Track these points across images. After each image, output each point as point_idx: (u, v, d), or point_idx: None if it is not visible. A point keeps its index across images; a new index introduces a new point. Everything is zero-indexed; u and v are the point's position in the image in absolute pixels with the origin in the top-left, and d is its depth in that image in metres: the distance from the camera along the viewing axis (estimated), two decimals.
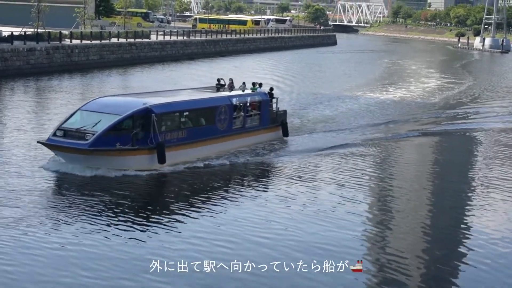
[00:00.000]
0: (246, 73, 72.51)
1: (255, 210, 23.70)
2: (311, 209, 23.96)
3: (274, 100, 36.08)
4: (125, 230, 20.94)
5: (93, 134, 26.49)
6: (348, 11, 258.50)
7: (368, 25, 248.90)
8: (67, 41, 67.06)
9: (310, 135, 37.40)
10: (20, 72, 58.20)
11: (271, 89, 36.52)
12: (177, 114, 29.60)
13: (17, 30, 64.26)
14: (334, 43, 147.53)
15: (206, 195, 25.49)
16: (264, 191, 26.68)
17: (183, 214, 22.90)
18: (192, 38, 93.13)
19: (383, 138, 37.79)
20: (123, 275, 17.79)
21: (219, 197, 25.44)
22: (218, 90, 34.95)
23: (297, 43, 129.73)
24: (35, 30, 67.78)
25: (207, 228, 21.53)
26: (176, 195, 25.76)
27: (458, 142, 39.86)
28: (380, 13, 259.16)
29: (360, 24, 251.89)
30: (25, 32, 63.94)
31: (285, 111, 36.95)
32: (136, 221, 21.84)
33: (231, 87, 35.10)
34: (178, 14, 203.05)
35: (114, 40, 74.74)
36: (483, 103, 56.71)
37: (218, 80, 36.33)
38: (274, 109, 35.91)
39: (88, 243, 19.65)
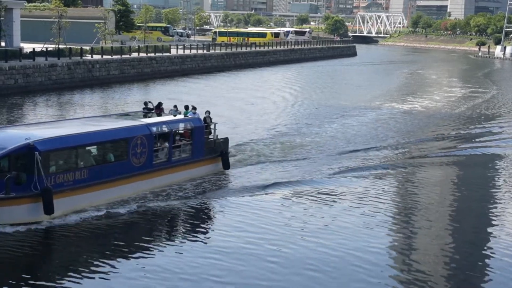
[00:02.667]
0: (253, 85, 72.50)
1: (173, 276, 18.53)
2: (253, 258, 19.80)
3: (212, 126, 30.57)
4: None
5: None
6: (367, 22, 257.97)
7: (388, 35, 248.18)
8: (88, 57, 67.45)
9: (261, 166, 31.72)
10: (42, 87, 58.56)
11: (208, 112, 30.92)
12: (72, 150, 23.59)
13: (38, 47, 64.75)
14: (353, 54, 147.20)
15: (103, 254, 20.20)
16: (189, 240, 21.61)
17: (73, 281, 18.10)
18: (212, 51, 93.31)
19: (366, 169, 32.05)
20: None
21: (121, 256, 20.01)
22: (145, 115, 29.24)
23: (317, 54, 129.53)
24: (56, 46, 68.25)
25: None
26: (64, 257, 20.43)
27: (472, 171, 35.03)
28: (399, 23, 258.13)
29: (379, 35, 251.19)
30: (46, 48, 64.40)
31: (226, 139, 31.12)
32: None
33: (160, 111, 29.83)
34: (197, 27, 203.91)
35: (135, 54, 75.11)
36: (507, 118, 53.58)
37: (146, 103, 30.79)
38: (212, 137, 30.38)
39: None
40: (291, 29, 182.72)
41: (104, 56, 69.35)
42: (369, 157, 34.92)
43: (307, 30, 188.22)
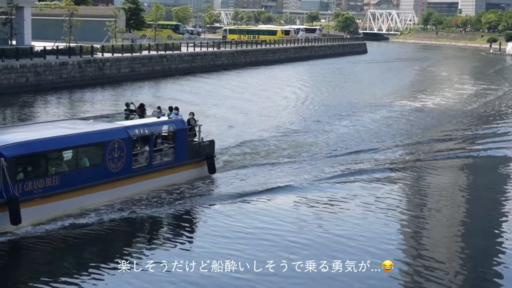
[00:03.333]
0: (259, 83, 72.36)
1: None
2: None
3: (196, 128, 29.06)
4: None
5: None
6: (378, 19, 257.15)
7: (398, 32, 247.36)
8: (99, 55, 67.57)
9: (252, 169, 29.95)
10: (53, 86, 58.73)
11: (192, 114, 29.32)
12: (42, 155, 22.19)
13: (49, 45, 64.93)
14: (364, 51, 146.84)
15: (74, 268, 18.99)
16: (169, 251, 20.07)
17: None
18: (222, 49, 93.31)
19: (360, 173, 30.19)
20: None
21: (95, 269, 18.51)
22: (127, 117, 28.22)
23: (327, 52, 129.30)
24: (67, 44, 68.42)
25: None
26: (31, 271, 18.99)
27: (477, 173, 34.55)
28: (410, 20, 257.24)
29: (390, 32, 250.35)
30: (57, 46, 64.56)
31: (212, 142, 29.54)
32: None
33: (142, 113, 28.73)
34: (208, 25, 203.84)
35: (145, 52, 75.15)
36: None
37: (127, 104, 29.70)
38: (197, 139, 28.90)
39: None
40: (302, 27, 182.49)
41: (115, 54, 69.46)
42: (376, 158, 33.82)
43: (318, 27, 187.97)
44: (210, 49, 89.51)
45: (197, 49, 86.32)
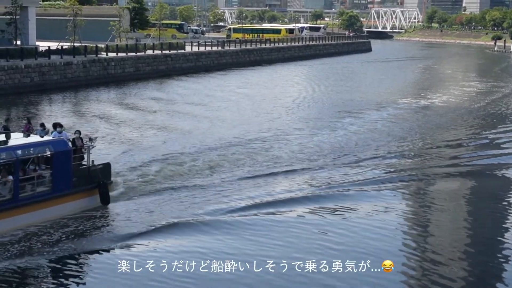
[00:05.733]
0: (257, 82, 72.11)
1: None
2: None
3: (84, 150, 24.14)
4: None
5: None
6: (382, 17, 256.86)
7: (403, 30, 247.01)
8: (103, 54, 67.53)
9: (163, 196, 24.79)
10: (58, 85, 58.69)
11: (78, 132, 24.62)
12: None
13: (54, 45, 64.90)
14: (368, 49, 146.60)
15: None
16: None
17: None
18: (226, 48, 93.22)
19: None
20: None
21: None
22: (6, 137, 22.40)
23: (332, 50, 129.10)
24: (72, 44, 68.39)
25: None
26: None
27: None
28: (414, 18, 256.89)
29: (394, 30, 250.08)
30: (62, 46, 64.53)
31: (106, 166, 24.24)
32: None
33: (28, 131, 24.03)
34: (212, 24, 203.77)
35: (150, 52, 75.10)
36: None
37: (7, 120, 25.55)
38: (86, 163, 23.94)
39: None
40: (306, 25, 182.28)
41: (119, 54, 69.46)
42: (379, 161, 32.64)
43: (322, 26, 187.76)
44: (215, 48, 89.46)
45: (202, 48, 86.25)
